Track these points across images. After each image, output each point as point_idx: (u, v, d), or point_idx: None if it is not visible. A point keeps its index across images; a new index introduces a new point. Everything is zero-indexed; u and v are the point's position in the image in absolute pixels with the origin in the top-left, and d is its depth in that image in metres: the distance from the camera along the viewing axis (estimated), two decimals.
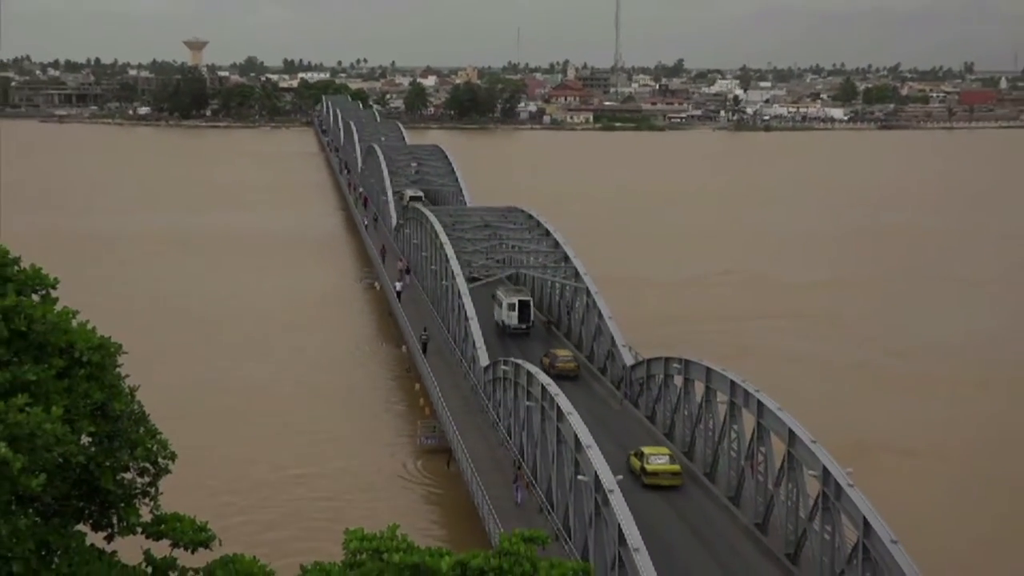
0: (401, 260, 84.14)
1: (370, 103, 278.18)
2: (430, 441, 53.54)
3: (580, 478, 34.33)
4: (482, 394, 52.26)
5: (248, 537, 37.08)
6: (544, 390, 39.59)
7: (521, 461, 43.46)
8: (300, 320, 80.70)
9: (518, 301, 65.51)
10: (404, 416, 59.80)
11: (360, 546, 16.61)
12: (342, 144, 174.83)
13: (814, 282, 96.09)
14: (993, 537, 45.69)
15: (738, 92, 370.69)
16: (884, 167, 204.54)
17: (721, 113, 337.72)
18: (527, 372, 42.68)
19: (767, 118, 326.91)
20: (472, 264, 66.40)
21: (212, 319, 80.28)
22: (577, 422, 35.61)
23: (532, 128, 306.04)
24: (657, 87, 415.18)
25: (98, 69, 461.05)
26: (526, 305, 65.70)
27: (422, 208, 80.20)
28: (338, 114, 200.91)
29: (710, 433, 41.99)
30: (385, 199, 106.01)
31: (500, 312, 66.01)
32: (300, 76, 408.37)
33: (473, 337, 55.10)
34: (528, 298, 66.44)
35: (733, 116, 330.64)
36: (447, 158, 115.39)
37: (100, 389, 15.99)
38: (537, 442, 41.13)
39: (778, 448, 35.86)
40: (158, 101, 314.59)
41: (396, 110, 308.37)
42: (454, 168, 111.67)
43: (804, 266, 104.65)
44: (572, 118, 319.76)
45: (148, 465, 16.54)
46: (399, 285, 76.02)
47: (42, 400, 15.04)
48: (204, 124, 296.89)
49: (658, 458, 42.43)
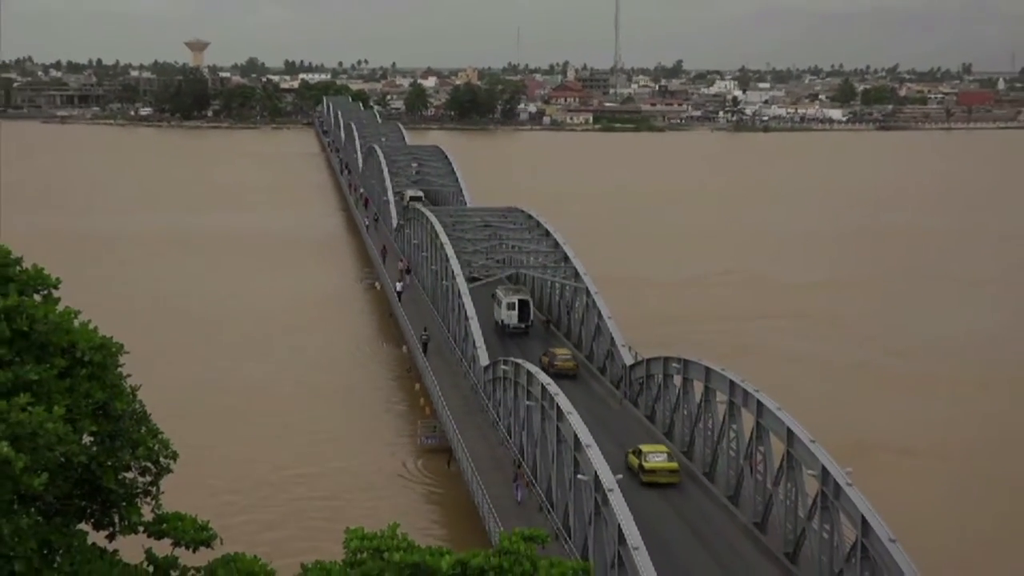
0: (402, 260, 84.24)
1: (371, 104, 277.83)
2: (430, 441, 53.63)
3: (580, 477, 34.38)
4: (482, 394, 52.33)
5: (249, 536, 37.17)
6: (544, 390, 39.65)
7: (521, 460, 43.55)
8: (301, 320, 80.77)
9: (517, 300, 65.67)
10: (404, 416, 59.88)
11: (361, 545, 16.57)
12: (343, 145, 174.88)
13: (814, 282, 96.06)
14: (992, 536, 45.74)
15: (737, 93, 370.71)
16: (882, 168, 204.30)
17: (720, 114, 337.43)
18: (527, 372, 42.74)
19: (766, 119, 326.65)
20: (472, 264, 66.57)
21: (213, 319, 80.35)
22: (577, 422, 35.67)
23: (532, 129, 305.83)
24: (656, 88, 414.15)
25: (100, 70, 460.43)
26: (525, 304, 65.85)
27: (422, 208, 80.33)
28: (339, 115, 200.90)
29: (709, 432, 42.04)
30: (386, 199, 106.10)
31: (499, 311, 66.14)
32: (301, 77, 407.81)
33: (473, 337, 55.20)
34: (527, 297, 66.58)
35: (732, 117, 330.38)
36: (447, 159, 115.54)
37: (102, 389, 15.90)
38: (537, 441, 41.19)
39: (777, 447, 35.93)
40: (160, 102, 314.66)
41: (396, 111, 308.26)
42: (454, 169, 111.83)
43: (804, 266, 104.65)
44: (572, 119, 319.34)
45: (150, 464, 16.45)
46: (400, 285, 76.15)
47: (44, 399, 14.96)
48: (205, 125, 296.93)
49: (656, 456, 42.53)
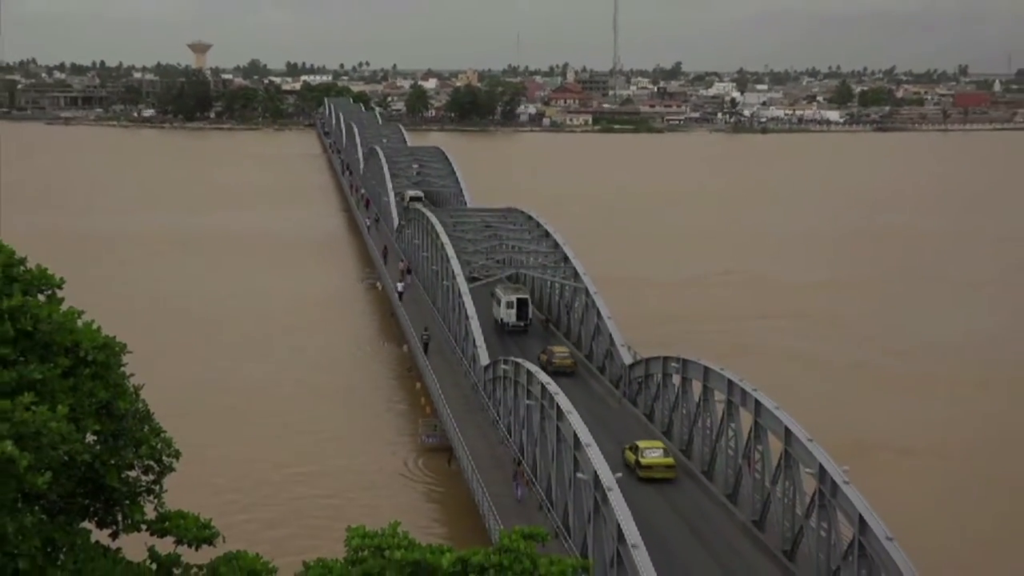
0: (402, 260, 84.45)
1: (372, 105, 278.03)
2: (431, 439, 53.80)
3: (579, 476, 34.53)
4: (482, 393, 52.48)
5: (251, 534, 37.29)
6: (544, 389, 39.76)
7: (521, 459, 43.72)
8: (302, 320, 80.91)
9: (516, 299, 66.03)
10: (405, 415, 60.05)
11: (362, 543, 16.58)
12: (344, 146, 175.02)
13: (812, 282, 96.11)
14: (991, 536, 45.80)
15: (735, 95, 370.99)
16: (880, 169, 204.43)
17: (718, 115, 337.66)
18: (527, 371, 42.89)
19: (764, 120, 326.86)
20: (472, 264, 66.78)
21: (214, 319, 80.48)
22: (576, 421, 35.79)
23: (532, 130, 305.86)
24: (655, 90, 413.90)
25: (103, 72, 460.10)
26: (524, 303, 66.19)
27: (423, 209, 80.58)
28: (340, 116, 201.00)
29: (708, 431, 42.21)
30: (387, 200, 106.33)
31: (499, 310, 66.51)
32: (302, 79, 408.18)
33: (473, 336, 55.38)
34: (526, 296, 66.93)
35: (730, 118, 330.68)
36: (448, 160, 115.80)
37: (105, 388, 15.91)
38: (537, 440, 41.34)
39: (775, 446, 36.07)
40: (162, 103, 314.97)
41: (397, 112, 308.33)
42: (455, 169, 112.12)
43: (803, 267, 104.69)
44: (571, 120, 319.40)
45: (152, 463, 16.47)
46: (400, 285, 76.39)
47: (48, 399, 14.96)
48: (208, 126, 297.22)
49: (652, 451, 42.81)
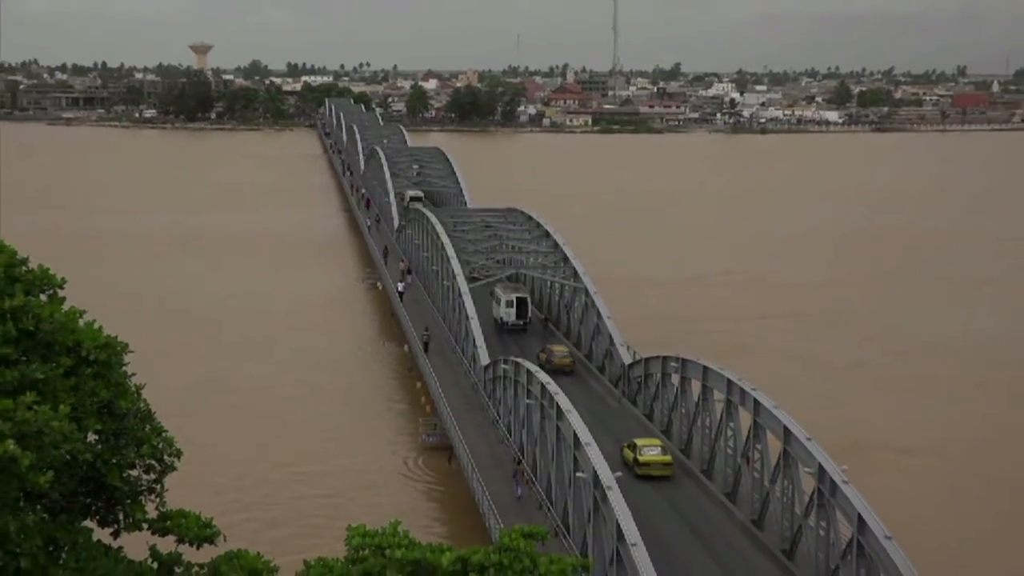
0: (403, 261, 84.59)
1: (372, 106, 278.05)
2: (431, 439, 53.95)
3: (579, 475, 34.65)
4: (483, 392, 52.62)
5: (252, 533, 37.36)
6: (544, 388, 39.89)
7: (521, 458, 43.84)
8: (303, 320, 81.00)
9: (516, 298, 66.34)
10: (406, 414, 60.19)
11: (362, 542, 16.65)
12: (345, 146, 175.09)
13: (813, 282, 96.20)
14: (990, 535, 45.86)
15: (734, 95, 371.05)
16: (879, 169, 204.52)
17: (718, 116, 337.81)
18: (527, 370, 43.03)
19: (763, 121, 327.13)
20: (472, 264, 66.92)
21: (215, 319, 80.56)
22: (576, 420, 35.92)
23: (532, 131, 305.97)
24: (655, 90, 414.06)
25: (105, 73, 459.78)
26: (524, 302, 66.50)
27: (423, 209, 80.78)
28: (341, 117, 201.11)
29: (707, 431, 42.34)
30: (387, 200, 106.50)
31: (498, 309, 66.83)
32: (303, 79, 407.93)
33: (474, 336, 55.55)
34: (526, 295, 67.23)
35: (729, 119, 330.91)
36: (448, 160, 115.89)
37: (106, 387, 16.04)
38: (537, 439, 41.47)
39: (774, 446, 36.16)
40: (164, 104, 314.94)
41: (398, 113, 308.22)
42: (455, 170, 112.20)
43: (802, 267, 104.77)
44: (571, 121, 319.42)
45: (154, 462, 16.58)
46: (401, 285, 76.56)
47: (50, 398, 15.07)
48: (209, 127, 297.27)
49: (650, 449, 43.07)
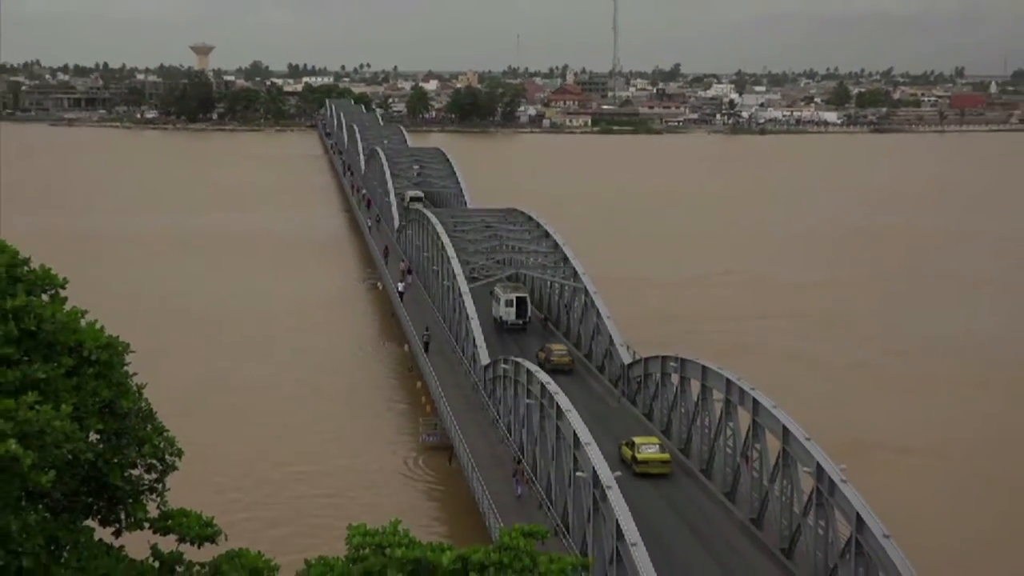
0: (403, 261, 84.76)
1: (373, 107, 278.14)
2: (432, 438, 54.08)
3: (579, 474, 34.76)
4: (483, 392, 52.76)
5: (253, 533, 37.34)
6: (544, 388, 39.98)
7: (521, 457, 43.94)
8: (304, 320, 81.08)
9: (515, 297, 66.68)
10: (406, 414, 60.29)
11: (363, 541, 16.60)
12: (345, 147, 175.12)
13: (812, 282, 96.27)
14: (988, 535, 45.92)
15: (733, 96, 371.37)
16: (877, 169, 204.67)
17: (717, 117, 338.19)
18: (527, 370, 43.14)
19: (762, 121, 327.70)
20: (473, 264, 67.08)
21: (216, 319, 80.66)
22: (576, 420, 36.02)
23: (532, 131, 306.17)
24: (654, 91, 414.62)
25: (106, 73, 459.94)
26: (523, 301, 66.84)
27: (424, 210, 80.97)
28: (342, 117, 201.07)
29: (706, 430, 42.47)
30: (388, 201, 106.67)
31: (498, 308, 67.15)
32: (304, 80, 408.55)
33: (474, 336, 55.70)
34: (525, 295, 67.57)
35: (728, 120, 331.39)
36: (448, 161, 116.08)
37: (108, 387, 16.07)
38: (537, 439, 41.58)
39: (773, 445, 36.25)
40: (165, 105, 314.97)
41: (398, 114, 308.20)
42: (455, 170, 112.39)
43: (802, 267, 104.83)
44: (571, 122, 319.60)
45: (155, 462, 16.60)
46: (401, 285, 76.74)
47: (51, 398, 15.10)
48: (210, 127, 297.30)
49: (648, 447, 43.28)
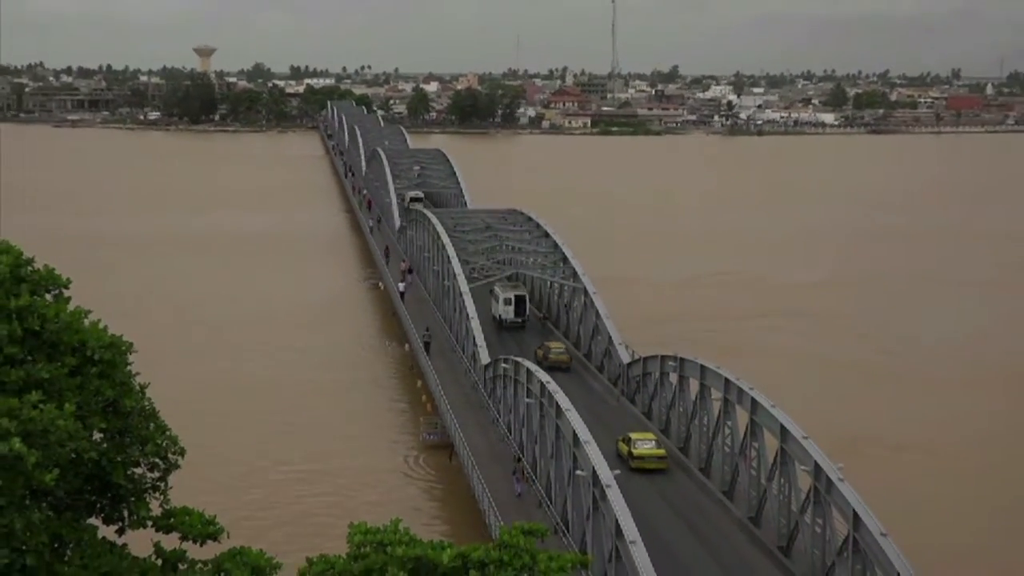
0: (404, 261, 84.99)
1: (374, 108, 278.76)
2: (432, 437, 54.29)
3: (578, 473, 34.90)
4: (483, 391, 52.98)
5: (255, 531, 37.45)
6: (543, 387, 40.12)
7: (521, 456, 44.12)
8: (305, 319, 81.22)
9: (514, 296, 67.21)
10: (407, 413, 60.50)
11: (364, 539, 16.86)
12: (347, 148, 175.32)
13: (810, 282, 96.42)
14: (984, 531, 46.07)
15: (732, 97, 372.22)
16: (875, 170, 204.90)
17: (715, 118, 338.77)
18: (527, 369, 43.31)
19: (760, 123, 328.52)
20: (473, 264, 67.30)
21: (218, 318, 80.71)
22: (575, 418, 36.16)
23: (531, 133, 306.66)
24: (653, 93, 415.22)
25: (110, 75, 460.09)
26: (522, 300, 67.37)
27: (424, 210, 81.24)
28: (343, 119, 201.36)
29: (704, 429, 42.66)
30: (388, 201, 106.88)
31: (497, 307, 67.66)
32: (306, 82, 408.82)
33: (474, 335, 55.93)
34: (524, 294, 68.07)
35: (727, 121, 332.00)
36: (449, 161, 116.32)
37: (111, 386, 16.27)
38: (536, 437, 41.74)
39: (771, 444, 36.42)
40: (168, 106, 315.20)
41: (399, 115, 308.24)
42: (455, 171, 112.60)
43: (800, 266, 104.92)
44: (570, 123, 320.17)
45: (158, 460, 16.81)
46: (402, 285, 77.02)
47: (55, 397, 15.28)
48: (213, 128, 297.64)
49: (644, 443, 43.66)
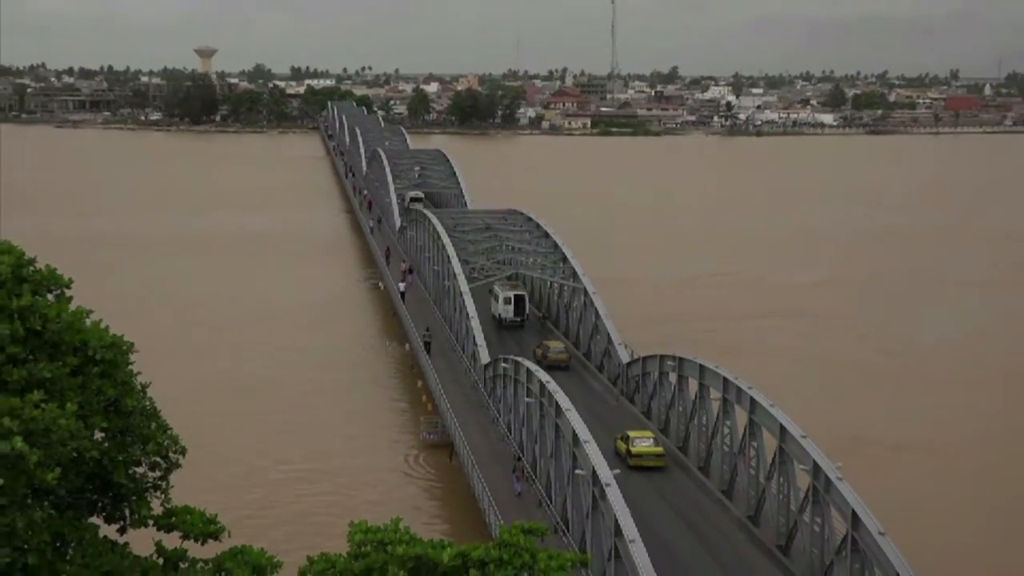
0: (404, 261, 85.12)
1: (374, 109, 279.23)
2: (432, 436, 54.42)
3: (578, 472, 34.99)
4: (483, 390, 53.10)
5: (256, 530, 37.54)
6: (543, 386, 40.20)
7: (521, 455, 44.22)
8: (306, 319, 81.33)
9: (514, 295, 67.57)
10: (407, 412, 60.61)
11: (365, 538, 16.86)
12: (347, 148, 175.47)
13: (809, 282, 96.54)
14: (983, 530, 46.16)
15: (731, 98, 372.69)
16: (874, 170, 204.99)
17: (714, 118, 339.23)
18: (527, 369, 43.41)
19: (759, 123, 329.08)
20: (473, 264, 67.47)
21: (219, 318, 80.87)
22: (575, 418, 36.22)
23: (531, 133, 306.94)
24: (652, 93, 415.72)
25: (111, 76, 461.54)
26: (521, 299, 67.70)
27: (425, 210, 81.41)
28: (343, 119, 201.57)
29: (704, 428, 42.77)
30: (389, 202, 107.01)
31: (496, 306, 67.99)
32: (307, 83, 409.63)
33: (474, 335, 56.06)
34: (523, 293, 68.36)
35: (726, 121, 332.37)
36: (449, 162, 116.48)
37: (113, 386, 16.29)
38: (536, 437, 41.84)
39: (770, 443, 36.50)
40: (169, 107, 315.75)
41: (400, 116, 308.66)
42: (456, 172, 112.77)
43: (799, 267, 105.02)
44: (570, 123, 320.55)
45: (159, 459, 16.82)
46: (402, 285, 77.17)
47: (57, 396, 15.30)
48: (214, 129, 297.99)
49: (642, 441, 43.82)
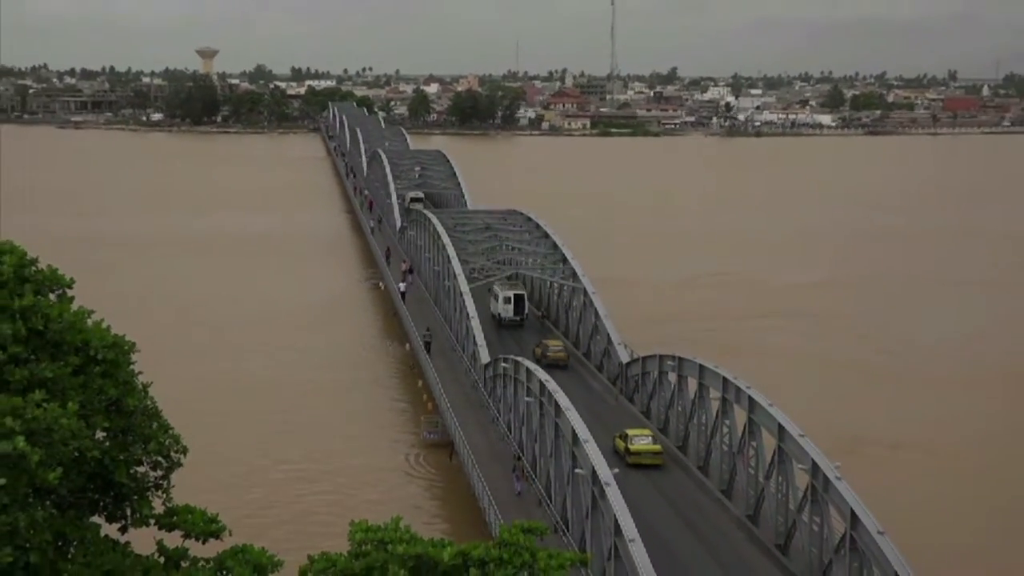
0: (404, 261, 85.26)
1: (375, 110, 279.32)
2: (433, 436, 54.50)
3: (578, 471, 35.08)
4: (483, 390, 53.21)
5: (257, 529, 37.55)
6: (543, 386, 40.28)
7: (521, 455, 44.32)
8: (306, 320, 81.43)
9: (513, 295, 67.83)
10: (407, 412, 60.71)
11: (365, 537, 16.91)
12: (348, 149, 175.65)
13: (808, 283, 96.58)
14: (981, 529, 46.24)
15: (730, 99, 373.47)
16: (873, 171, 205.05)
17: (713, 119, 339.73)
18: (526, 368, 43.50)
19: (758, 124, 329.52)
20: (473, 264, 67.60)
21: (220, 318, 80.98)
22: (575, 417, 36.30)
23: (531, 134, 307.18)
24: (652, 94, 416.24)
25: (113, 77, 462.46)
26: (520, 299, 67.99)
27: (425, 211, 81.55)
28: (344, 120, 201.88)
29: (703, 428, 42.87)
30: (389, 202, 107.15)
31: (496, 305, 68.23)
32: (307, 83, 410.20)
33: (474, 335, 56.17)
34: (523, 292, 68.61)
35: (725, 122, 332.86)
36: (449, 162, 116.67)
37: (114, 385, 16.34)
38: (536, 436, 41.93)
39: (769, 442, 36.58)
40: (170, 108, 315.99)
41: (400, 116, 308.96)
42: (456, 172, 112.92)
43: (798, 267, 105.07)
44: (570, 124, 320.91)
45: (161, 459, 16.85)
46: (403, 285, 77.30)
47: (58, 396, 15.36)
48: (215, 130, 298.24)
49: (641, 439, 44.01)
